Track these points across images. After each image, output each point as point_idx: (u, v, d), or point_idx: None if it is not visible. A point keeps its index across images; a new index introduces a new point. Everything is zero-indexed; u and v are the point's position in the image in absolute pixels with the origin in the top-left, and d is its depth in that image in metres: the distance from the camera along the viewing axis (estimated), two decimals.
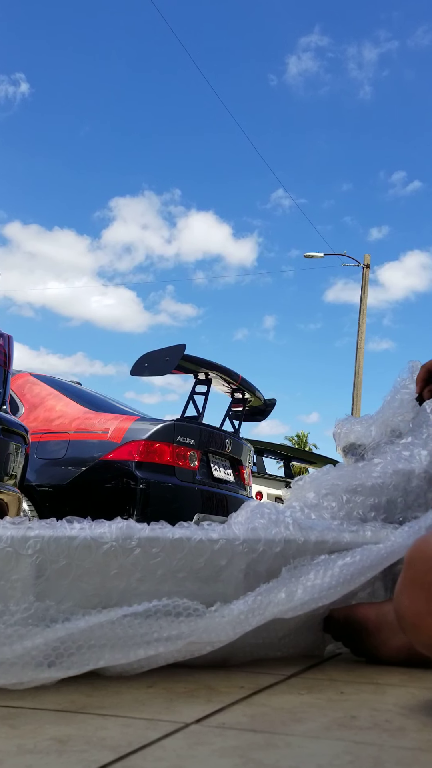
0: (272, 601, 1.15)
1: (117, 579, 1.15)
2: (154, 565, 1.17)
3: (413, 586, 0.95)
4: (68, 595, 1.11)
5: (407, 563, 0.97)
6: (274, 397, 6.17)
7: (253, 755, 0.77)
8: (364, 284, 19.00)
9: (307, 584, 1.18)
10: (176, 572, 1.20)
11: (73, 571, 1.11)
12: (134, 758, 0.76)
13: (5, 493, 3.67)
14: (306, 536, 1.33)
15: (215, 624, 1.11)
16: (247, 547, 1.26)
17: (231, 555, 1.25)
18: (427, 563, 0.94)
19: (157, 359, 5.07)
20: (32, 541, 1.09)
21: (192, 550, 1.21)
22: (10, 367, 3.98)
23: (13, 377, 4.74)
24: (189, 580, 1.22)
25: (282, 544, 1.30)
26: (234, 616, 1.12)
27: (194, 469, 5.11)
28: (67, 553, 1.11)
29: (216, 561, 1.23)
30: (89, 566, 1.12)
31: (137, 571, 1.16)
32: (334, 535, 1.37)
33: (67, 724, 0.89)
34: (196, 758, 0.77)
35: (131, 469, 4.80)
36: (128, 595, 1.16)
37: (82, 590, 1.12)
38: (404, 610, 0.97)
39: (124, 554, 1.15)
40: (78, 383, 6.27)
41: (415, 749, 0.81)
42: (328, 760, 0.76)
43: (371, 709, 0.99)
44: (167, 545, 1.19)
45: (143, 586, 1.17)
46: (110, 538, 1.14)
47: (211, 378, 5.33)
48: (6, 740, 0.82)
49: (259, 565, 1.28)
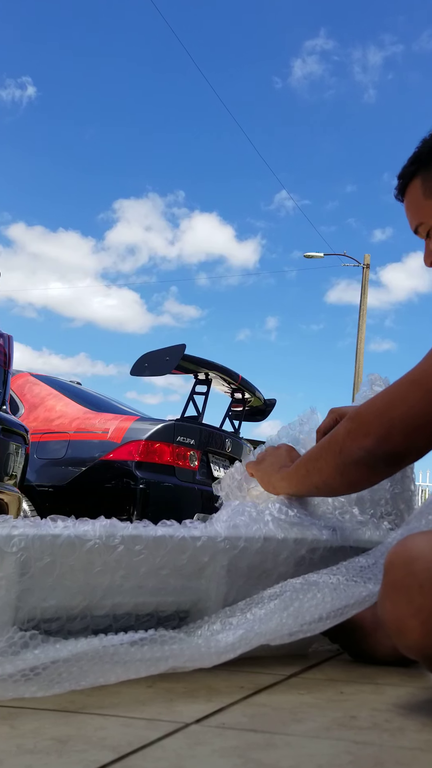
0: (261, 632, 1.15)
1: (101, 576, 1.16)
2: (137, 562, 1.18)
3: (394, 590, 0.95)
4: (52, 593, 1.12)
5: (386, 568, 0.98)
6: (274, 397, 6.18)
7: (253, 755, 0.77)
8: (364, 284, 19.01)
9: (297, 618, 1.17)
10: (159, 569, 1.21)
11: (57, 569, 1.12)
12: (134, 758, 0.76)
13: (5, 493, 3.67)
14: (285, 534, 1.35)
15: (200, 653, 1.11)
16: (229, 544, 1.28)
17: (213, 552, 1.26)
18: (406, 566, 0.94)
19: (157, 359, 5.07)
20: (17, 539, 1.09)
21: (174, 547, 1.22)
22: (10, 367, 3.98)
23: (13, 377, 4.74)
24: (172, 577, 1.23)
25: (262, 541, 1.32)
26: (220, 648, 1.12)
27: (194, 469, 5.11)
28: (51, 551, 1.11)
29: (199, 558, 1.25)
30: (73, 563, 1.13)
31: (121, 569, 1.17)
32: (314, 533, 1.39)
33: (67, 724, 0.89)
34: (196, 758, 0.77)
35: (131, 469, 4.81)
36: (112, 592, 1.17)
37: (66, 587, 1.13)
38: (387, 616, 0.98)
39: (108, 552, 1.16)
40: (78, 383, 6.28)
41: (415, 749, 0.81)
42: (328, 760, 0.76)
43: (371, 709, 0.99)
44: (150, 543, 1.20)
45: (127, 583, 1.18)
46: (94, 536, 1.15)
47: (211, 378, 5.33)
48: (6, 740, 0.82)
49: (241, 561, 1.29)
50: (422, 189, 1.38)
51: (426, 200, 1.38)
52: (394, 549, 0.99)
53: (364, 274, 19.04)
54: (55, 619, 1.14)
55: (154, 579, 1.21)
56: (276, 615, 1.17)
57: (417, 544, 0.96)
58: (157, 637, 1.12)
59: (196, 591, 1.26)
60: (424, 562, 0.93)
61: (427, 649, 0.94)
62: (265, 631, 1.14)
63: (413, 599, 0.92)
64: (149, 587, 1.21)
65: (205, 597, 1.27)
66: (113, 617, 1.20)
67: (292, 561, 1.35)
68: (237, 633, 1.14)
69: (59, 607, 1.14)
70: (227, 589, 1.28)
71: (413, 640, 0.94)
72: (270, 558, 1.33)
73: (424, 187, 1.38)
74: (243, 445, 5.83)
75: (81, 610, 1.16)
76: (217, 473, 5.34)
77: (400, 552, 0.97)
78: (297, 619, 1.16)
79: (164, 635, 1.13)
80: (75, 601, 1.15)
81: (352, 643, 1.36)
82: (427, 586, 0.92)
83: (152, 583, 1.21)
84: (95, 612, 1.17)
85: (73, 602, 1.14)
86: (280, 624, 1.15)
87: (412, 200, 1.42)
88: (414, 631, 0.93)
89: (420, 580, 0.92)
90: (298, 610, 1.17)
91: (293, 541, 1.35)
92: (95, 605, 1.17)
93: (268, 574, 1.33)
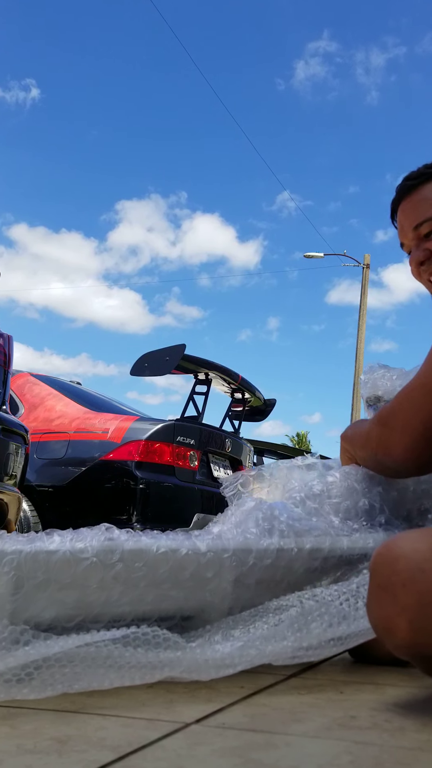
0: (263, 653, 1.11)
1: (98, 592, 1.12)
2: (136, 578, 1.15)
3: (380, 591, 0.96)
4: (47, 610, 1.09)
5: (372, 571, 0.99)
6: (274, 397, 6.18)
7: (253, 755, 0.77)
8: (364, 284, 19.00)
9: (302, 642, 1.13)
10: (160, 583, 1.17)
11: (51, 586, 1.09)
12: (134, 758, 0.76)
13: (5, 493, 3.67)
14: (300, 545, 1.29)
15: (198, 665, 1.07)
16: (236, 560, 1.22)
17: (219, 568, 1.21)
18: (390, 566, 0.96)
19: (157, 359, 5.07)
20: (9, 558, 1.06)
21: (177, 563, 1.18)
22: (10, 367, 3.98)
23: (13, 377, 4.74)
24: (174, 590, 1.19)
25: (274, 555, 1.26)
26: (218, 659, 1.08)
27: (194, 469, 5.11)
28: (45, 569, 1.08)
29: (202, 573, 1.20)
30: (69, 581, 1.10)
31: (119, 584, 1.14)
32: (331, 541, 1.32)
33: (67, 724, 0.89)
34: (196, 758, 0.77)
35: (131, 469, 4.80)
36: (110, 607, 1.14)
37: (61, 603, 1.10)
38: (375, 617, 0.98)
39: (105, 569, 1.12)
40: (78, 383, 6.27)
41: (415, 749, 0.81)
42: (328, 760, 0.76)
43: (371, 709, 0.99)
44: (150, 560, 1.15)
45: (125, 597, 1.15)
46: (90, 554, 1.11)
47: (211, 378, 5.33)
48: (6, 740, 0.82)
49: (249, 578, 1.24)
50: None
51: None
52: (378, 550, 1.00)
53: (364, 274, 19.03)
54: (52, 628, 1.12)
55: (155, 592, 1.17)
56: (280, 639, 1.13)
57: (399, 544, 0.97)
58: (151, 637, 1.08)
59: (200, 601, 1.22)
60: (406, 561, 0.94)
61: (415, 647, 0.94)
62: (268, 652, 1.11)
63: (398, 598, 0.93)
64: (149, 600, 1.17)
65: (209, 607, 1.23)
66: (112, 624, 1.16)
67: (302, 570, 1.30)
68: (236, 645, 1.11)
69: (55, 619, 1.11)
70: (232, 603, 1.24)
71: (401, 639, 0.94)
72: (281, 570, 1.27)
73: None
74: (243, 445, 5.83)
75: (77, 622, 1.13)
76: (217, 473, 5.34)
77: (384, 553, 0.98)
78: (302, 643, 1.13)
79: (158, 635, 1.09)
80: (71, 614, 1.12)
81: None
82: (410, 585, 0.92)
83: (153, 596, 1.17)
84: (92, 625, 1.14)
85: (68, 615, 1.12)
86: (284, 647, 1.12)
87: (422, 198, 1.40)
88: (401, 630, 0.93)
89: (403, 579, 0.93)
90: (304, 636, 1.14)
91: (308, 552, 1.29)
92: (92, 619, 1.14)
93: (278, 584, 1.28)
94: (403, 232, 1.44)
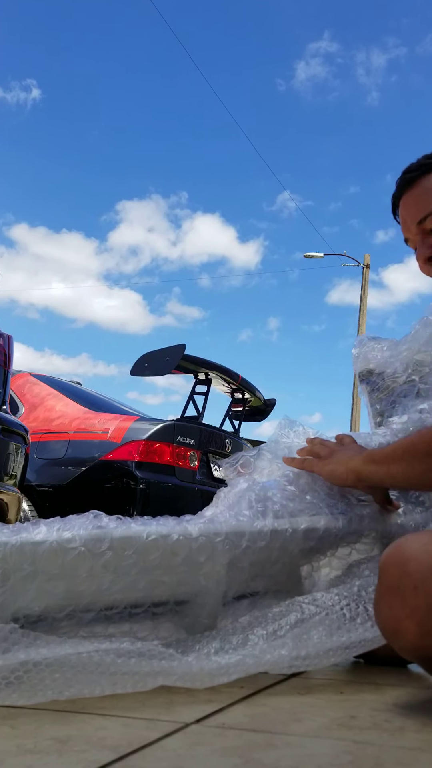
0: (259, 662, 1.09)
1: (88, 582, 1.11)
2: (127, 566, 1.13)
3: (389, 592, 0.95)
4: (35, 601, 1.08)
5: (381, 570, 0.98)
6: (274, 397, 6.18)
7: (253, 755, 0.77)
8: (364, 284, 19.00)
9: (300, 652, 1.10)
10: (152, 570, 1.15)
11: (39, 578, 1.07)
12: (134, 758, 0.76)
13: (5, 493, 3.67)
14: (294, 525, 1.26)
15: (192, 674, 1.05)
16: (229, 544, 1.20)
17: (211, 552, 1.19)
18: (400, 567, 0.95)
19: (157, 359, 5.07)
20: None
21: (169, 548, 1.15)
22: (10, 367, 3.98)
23: (13, 377, 4.74)
24: (166, 576, 1.17)
25: (268, 537, 1.23)
26: (213, 668, 1.06)
27: (194, 469, 5.11)
28: (32, 560, 1.06)
29: (195, 558, 1.18)
30: (57, 572, 1.08)
31: (109, 573, 1.12)
32: (326, 521, 1.29)
33: (67, 724, 0.89)
34: (196, 758, 0.77)
35: (131, 469, 4.80)
36: (101, 595, 1.13)
37: (50, 594, 1.09)
38: (383, 618, 0.98)
39: (95, 558, 1.10)
40: (78, 383, 6.27)
41: (415, 749, 0.81)
42: (328, 760, 0.76)
43: (371, 709, 0.99)
44: (140, 547, 1.13)
45: (117, 586, 1.13)
46: (78, 543, 1.09)
47: (211, 378, 5.33)
48: (6, 740, 0.82)
49: (243, 560, 1.22)
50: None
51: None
52: (388, 551, 0.99)
53: (364, 274, 19.03)
54: (42, 619, 1.11)
55: (147, 578, 1.15)
56: (279, 649, 1.11)
57: (410, 545, 0.96)
58: (146, 651, 1.05)
59: (194, 586, 1.20)
60: (417, 564, 0.93)
61: (423, 650, 0.94)
62: (264, 662, 1.09)
63: (408, 600, 0.92)
64: (140, 587, 1.15)
65: (204, 591, 1.21)
66: (104, 616, 1.15)
67: (297, 551, 1.28)
68: (234, 658, 1.09)
69: (45, 610, 1.10)
70: (227, 587, 1.23)
71: (408, 641, 0.94)
72: (275, 552, 1.25)
73: None
74: (243, 445, 5.83)
75: (68, 612, 1.12)
76: (217, 473, 5.34)
77: (394, 554, 0.97)
78: (300, 652, 1.11)
79: (153, 650, 1.05)
80: (61, 604, 1.11)
81: None
82: (421, 587, 0.92)
83: (144, 583, 1.15)
84: (83, 615, 1.13)
85: (58, 605, 1.11)
86: (281, 657, 1.10)
87: (424, 191, 1.36)
88: (409, 632, 0.93)
89: (414, 581, 0.92)
90: (302, 647, 1.12)
91: (303, 532, 1.26)
92: (83, 608, 1.13)
93: (272, 566, 1.27)
94: (407, 227, 1.40)
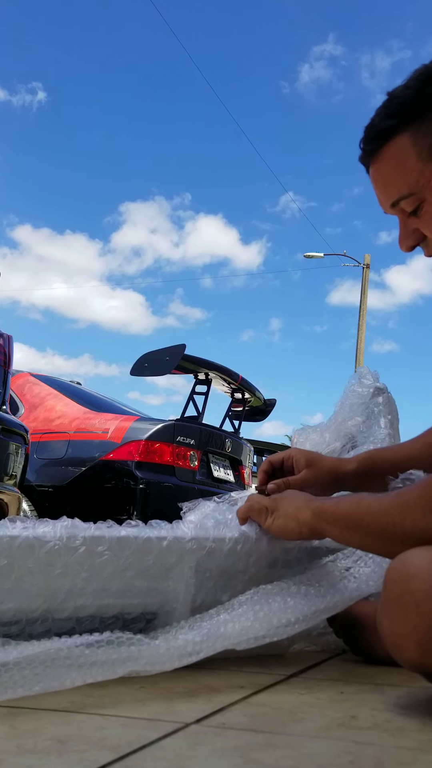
0: (225, 635, 1.11)
1: (62, 578, 1.12)
2: (100, 564, 1.15)
3: (392, 606, 0.95)
4: (10, 596, 1.09)
5: (386, 584, 0.97)
6: (274, 398, 6.18)
7: (253, 755, 0.77)
8: (364, 284, 19.01)
9: (264, 622, 1.13)
10: (124, 571, 1.18)
11: (15, 571, 1.08)
12: (134, 758, 0.76)
13: (5, 493, 3.67)
14: (257, 535, 1.30)
15: (159, 655, 1.07)
16: (197, 545, 1.24)
17: (180, 553, 1.22)
18: (404, 584, 0.94)
19: (157, 359, 5.07)
20: None
21: (139, 548, 1.18)
22: (10, 367, 3.98)
23: (13, 377, 4.75)
24: (138, 579, 1.19)
25: (232, 543, 1.27)
26: (180, 646, 1.08)
27: (194, 469, 5.11)
28: (8, 553, 1.08)
29: (165, 559, 1.21)
30: (32, 566, 1.09)
31: (83, 571, 1.14)
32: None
33: (67, 724, 0.89)
34: (196, 758, 0.77)
35: (131, 469, 4.81)
36: (74, 594, 1.14)
37: (24, 590, 1.10)
38: (385, 631, 0.97)
39: (69, 553, 1.12)
40: (79, 383, 6.27)
41: (415, 749, 0.81)
42: (328, 760, 0.76)
43: (371, 709, 0.99)
44: (113, 543, 1.16)
45: (90, 586, 1.15)
46: (53, 537, 1.12)
47: (211, 378, 5.33)
48: (6, 740, 0.82)
49: (209, 563, 1.25)
50: (415, 149, 1.11)
51: (420, 163, 1.11)
52: (393, 565, 0.98)
53: (364, 274, 19.04)
54: (14, 622, 1.11)
55: (119, 581, 1.17)
56: (242, 618, 1.14)
57: (416, 562, 0.94)
58: (114, 639, 1.07)
59: (164, 592, 1.22)
60: (421, 582, 0.92)
61: (424, 666, 0.95)
62: (229, 633, 1.11)
63: (409, 618, 0.92)
64: (114, 589, 1.17)
65: (172, 598, 1.23)
66: (76, 620, 1.17)
67: (264, 562, 1.31)
68: (200, 633, 1.11)
69: (18, 610, 1.10)
70: (195, 591, 1.25)
71: (409, 657, 0.94)
72: (242, 559, 1.28)
73: (418, 147, 1.11)
74: (243, 445, 5.83)
75: (42, 612, 1.13)
76: (217, 473, 5.34)
77: (399, 568, 0.96)
78: (263, 623, 1.13)
79: (121, 637, 1.08)
80: (35, 604, 1.11)
81: (353, 639, 1.36)
82: (424, 606, 0.91)
83: (117, 585, 1.17)
84: (57, 615, 1.14)
85: (32, 605, 1.11)
86: (245, 627, 1.12)
87: (395, 164, 1.13)
88: (409, 648, 0.93)
89: (417, 599, 0.91)
90: (266, 614, 1.14)
91: (266, 542, 1.30)
92: (57, 608, 1.14)
93: (239, 575, 1.29)
94: (381, 204, 1.21)
